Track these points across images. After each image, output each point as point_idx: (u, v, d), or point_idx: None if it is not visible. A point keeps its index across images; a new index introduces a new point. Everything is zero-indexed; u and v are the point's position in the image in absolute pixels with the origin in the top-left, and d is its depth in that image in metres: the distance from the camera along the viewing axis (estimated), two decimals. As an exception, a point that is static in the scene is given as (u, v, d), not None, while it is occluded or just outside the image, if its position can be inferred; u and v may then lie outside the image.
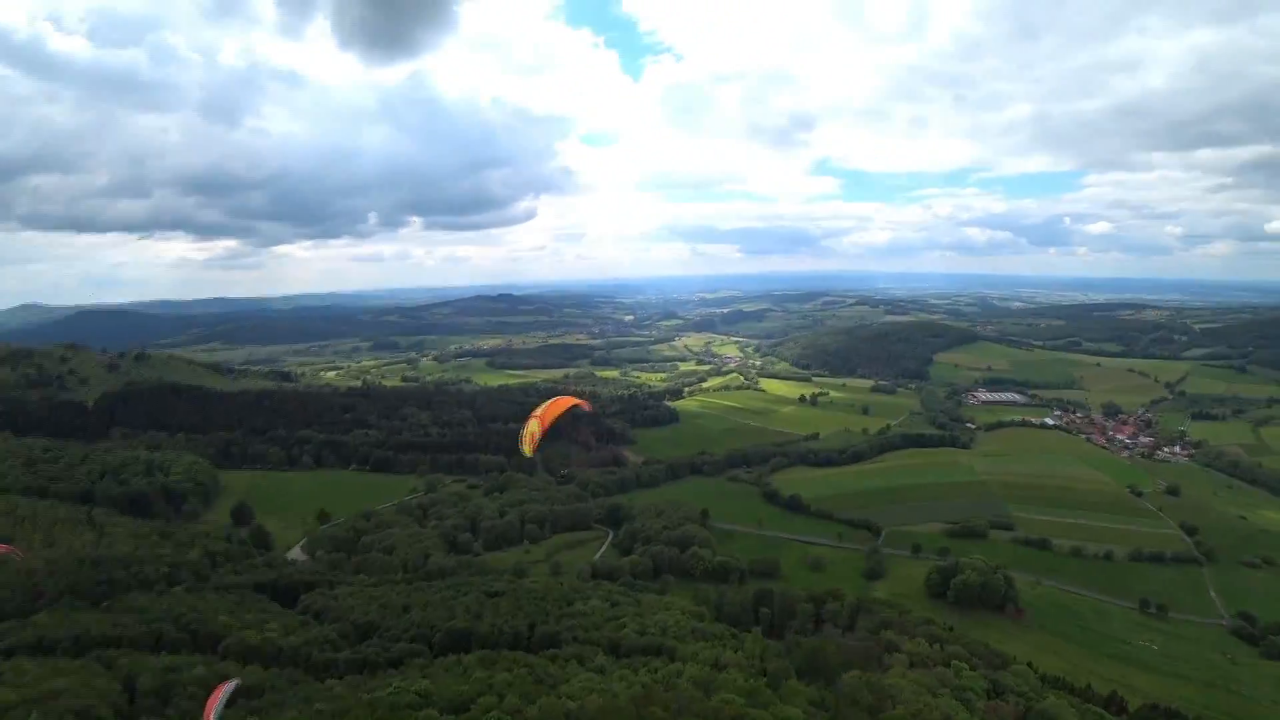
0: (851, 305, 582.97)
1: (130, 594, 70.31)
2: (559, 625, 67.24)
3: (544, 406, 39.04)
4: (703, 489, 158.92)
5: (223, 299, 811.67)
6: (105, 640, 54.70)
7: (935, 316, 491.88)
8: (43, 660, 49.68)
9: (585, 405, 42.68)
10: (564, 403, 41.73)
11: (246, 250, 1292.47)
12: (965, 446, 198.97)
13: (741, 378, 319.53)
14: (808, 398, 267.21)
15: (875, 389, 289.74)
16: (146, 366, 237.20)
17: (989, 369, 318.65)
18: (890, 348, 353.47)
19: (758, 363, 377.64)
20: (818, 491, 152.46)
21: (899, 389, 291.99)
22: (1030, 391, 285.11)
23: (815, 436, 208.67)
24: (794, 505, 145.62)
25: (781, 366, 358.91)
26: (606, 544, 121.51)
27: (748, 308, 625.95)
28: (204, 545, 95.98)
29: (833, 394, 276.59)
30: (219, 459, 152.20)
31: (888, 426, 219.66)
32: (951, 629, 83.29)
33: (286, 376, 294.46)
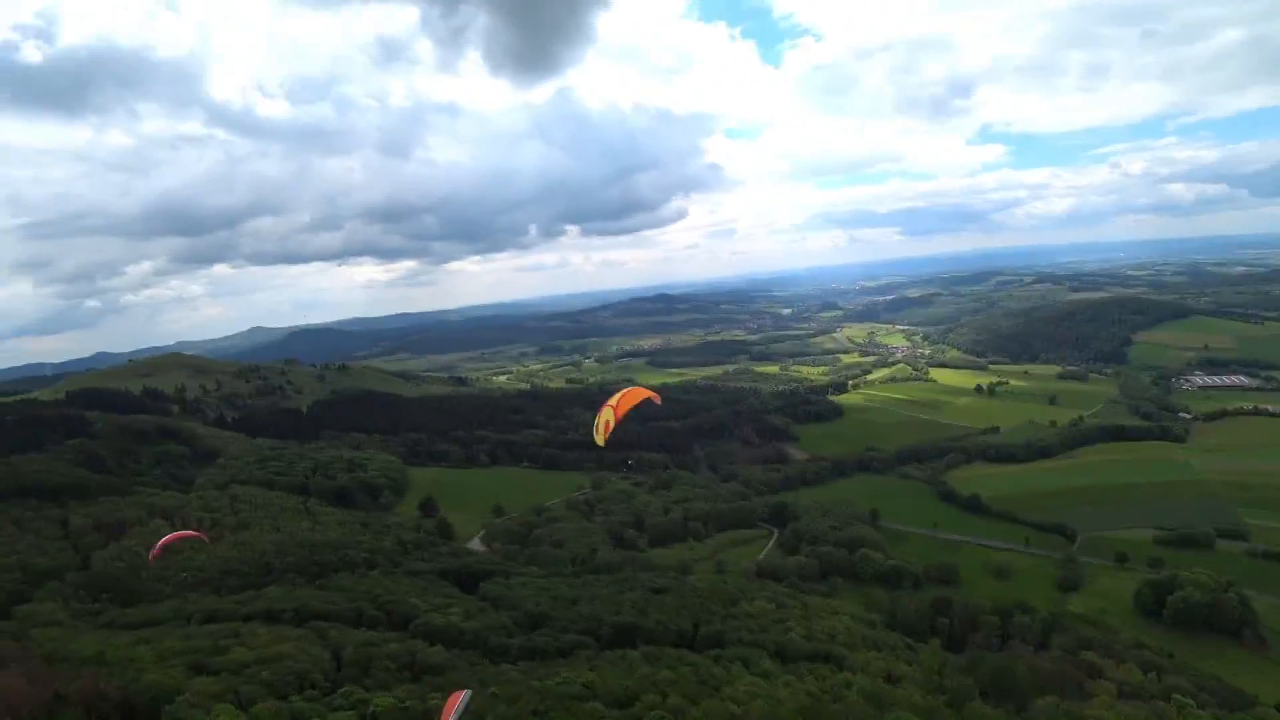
0: (1030, 284, 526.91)
1: (338, 574, 78.32)
2: (723, 625, 66.23)
3: (618, 397, 38.51)
4: (871, 487, 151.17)
5: (405, 314, 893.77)
6: (319, 614, 61.07)
7: (1134, 290, 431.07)
8: (271, 627, 56.40)
9: (656, 399, 41.20)
10: (638, 394, 40.88)
11: (424, 269, 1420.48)
12: (1180, 440, 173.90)
13: (910, 368, 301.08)
14: (985, 387, 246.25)
15: (1063, 376, 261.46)
16: (347, 376, 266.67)
17: (1205, 348, 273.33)
18: (1078, 329, 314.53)
19: (927, 352, 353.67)
20: (1000, 490, 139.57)
21: (1091, 375, 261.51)
22: (1263, 373, 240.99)
23: (995, 430, 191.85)
24: (973, 506, 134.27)
25: (953, 355, 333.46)
26: (771, 543, 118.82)
27: (913, 293, 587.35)
28: (397, 534, 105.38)
29: (1013, 383, 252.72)
30: (408, 457, 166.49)
31: (1080, 418, 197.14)
32: (1171, 656, 72.39)
33: (462, 381, 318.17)
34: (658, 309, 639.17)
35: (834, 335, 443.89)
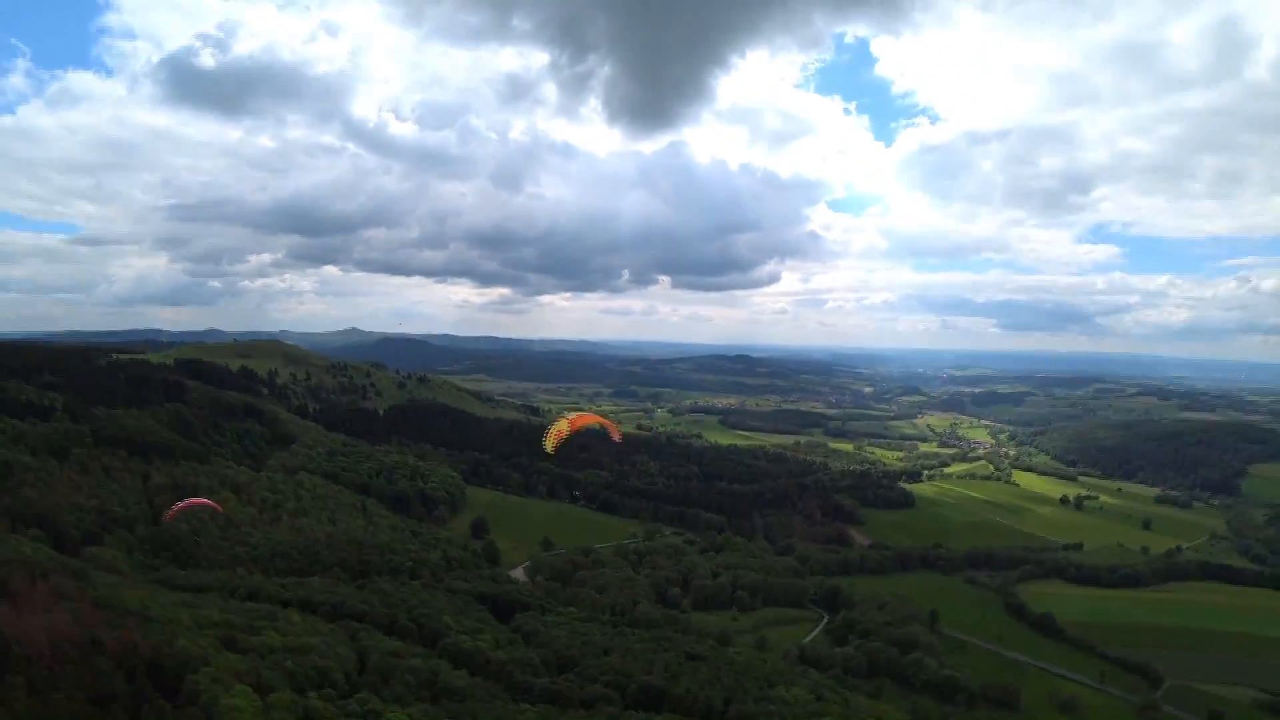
0: (1133, 395, 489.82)
1: (380, 577, 78.79)
2: (756, 707, 62.08)
3: (578, 414, 37.92)
4: (934, 586, 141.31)
5: (492, 338, 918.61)
6: (353, 613, 61.18)
7: (1253, 417, 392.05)
8: (307, 617, 56.79)
9: (616, 435, 40.15)
10: (598, 420, 40.31)
11: (517, 298, 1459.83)
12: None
13: (991, 466, 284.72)
14: (1071, 499, 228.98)
15: (1161, 499, 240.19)
16: (426, 388, 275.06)
17: None
18: (1185, 451, 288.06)
19: (1012, 452, 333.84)
20: (1077, 614, 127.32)
21: (1195, 503, 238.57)
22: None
23: (1078, 547, 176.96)
24: (1045, 626, 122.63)
25: (1041, 459, 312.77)
26: (819, 628, 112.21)
27: (1003, 389, 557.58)
28: (444, 550, 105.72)
29: (1104, 499, 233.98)
30: (468, 475, 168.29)
31: (1178, 548, 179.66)
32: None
33: (534, 411, 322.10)
34: (737, 369, 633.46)
35: (914, 421, 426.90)
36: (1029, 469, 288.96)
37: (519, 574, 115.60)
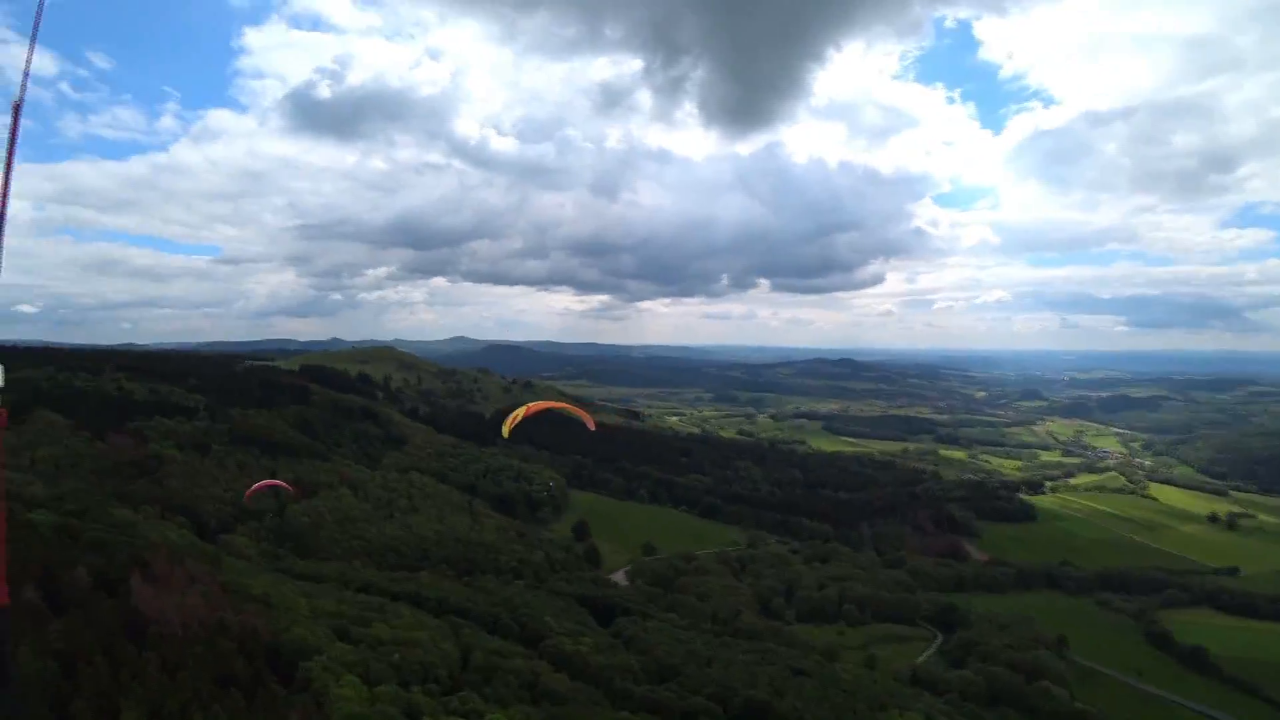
0: None
1: (485, 576, 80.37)
2: (869, 727, 58.54)
3: (541, 402, 37.28)
4: (1060, 609, 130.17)
5: (593, 344, 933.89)
6: (459, 610, 62.29)
7: None
8: (415, 611, 58.27)
9: (590, 423, 38.31)
10: (563, 405, 39.22)
11: (617, 304, 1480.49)
12: None
13: (1123, 479, 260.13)
14: (1221, 517, 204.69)
15: None
16: (530, 393, 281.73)
17: None
18: None
19: (1147, 463, 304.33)
20: (1234, 649, 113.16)
21: None
22: None
23: (1233, 571, 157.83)
24: (1195, 660, 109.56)
25: (1182, 471, 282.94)
26: (933, 648, 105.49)
27: (1135, 393, 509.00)
28: (547, 551, 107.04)
29: (1262, 517, 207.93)
30: (571, 478, 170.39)
31: None
32: None
33: (636, 415, 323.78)
34: (841, 373, 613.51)
35: (1033, 428, 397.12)
36: (1168, 482, 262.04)
37: (620, 578, 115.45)
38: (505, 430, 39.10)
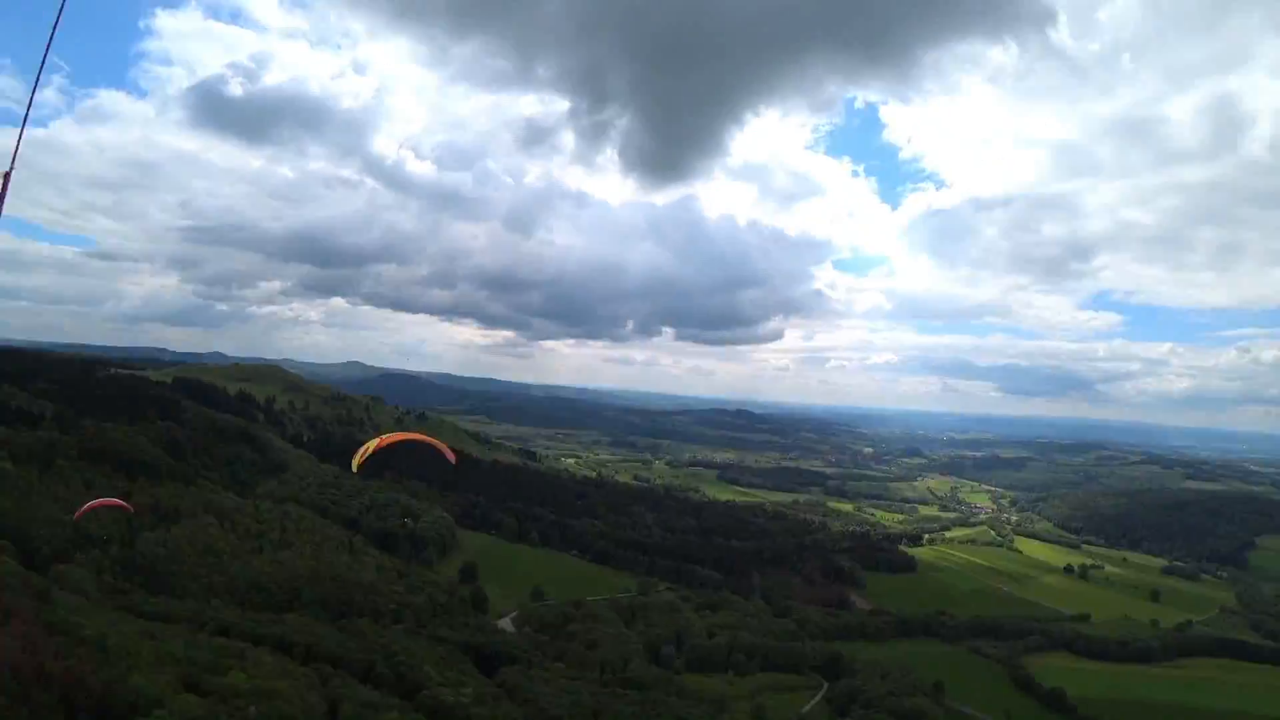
0: (1136, 463, 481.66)
1: (362, 619, 74.56)
2: (757, 781, 57.55)
3: (397, 435, 37.06)
4: (937, 656, 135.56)
5: (493, 379, 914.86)
6: (330, 657, 57.13)
7: (1258, 488, 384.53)
8: (279, 657, 52.83)
9: (450, 455, 38.70)
10: (419, 437, 39.35)
11: (520, 341, 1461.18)
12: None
13: (993, 532, 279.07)
14: (1076, 568, 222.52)
15: (1168, 570, 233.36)
16: (424, 425, 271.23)
17: None
18: (1191, 521, 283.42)
19: (1014, 518, 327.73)
20: (1089, 690, 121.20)
21: (1203, 575, 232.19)
22: None
23: (1086, 618, 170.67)
24: (1055, 701, 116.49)
25: (1043, 526, 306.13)
26: (819, 696, 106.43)
27: (1005, 454, 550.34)
28: (430, 594, 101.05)
29: (1109, 569, 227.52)
30: (461, 517, 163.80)
31: (1189, 622, 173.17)
32: None
33: (532, 456, 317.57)
34: (737, 423, 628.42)
35: (915, 483, 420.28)
36: (1032, 535, 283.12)
37: (507, 624, 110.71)
38: (355, 464, 36.63)
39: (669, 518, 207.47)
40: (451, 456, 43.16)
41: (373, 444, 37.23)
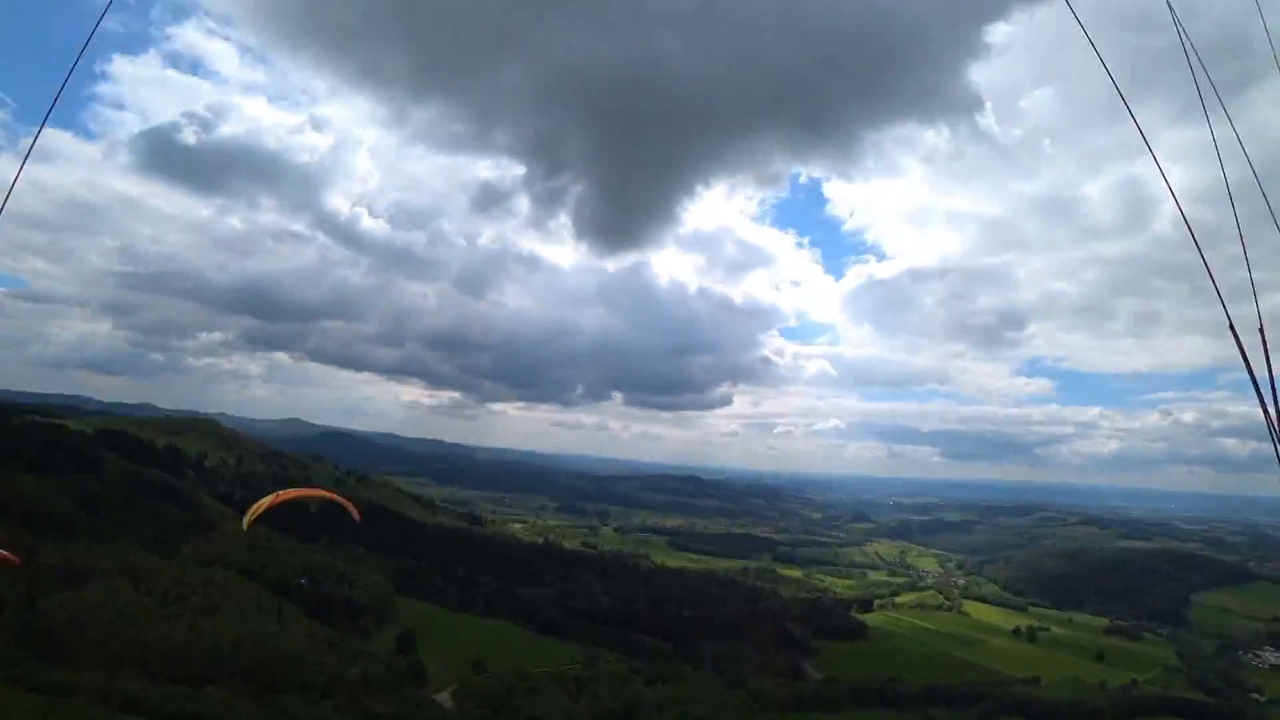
0: (1075, 524, 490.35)
1: (288, 693, 68.75)
2: None
3: (295, 491, 36.29)
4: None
5: (439, 441, 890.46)
6: (249, 737, 52.10)
7: (1188, 545, 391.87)
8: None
9: (356, 514, 37.91)
10: (318, 493, 38.97)
11: (468, 403, 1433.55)
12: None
13: (942, 596, 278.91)
14: (1023, 630, 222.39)
15: (1111, 630, 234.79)
16: (365, 487, 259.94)
17: (1275, 619, 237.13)
18: (1130, 580, 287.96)
19: (961, 581, 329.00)
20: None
21: (1145, 634, 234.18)
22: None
23: (1036, 681, 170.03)
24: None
25: (990, 589, 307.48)
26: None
27: (950, 517, 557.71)
28: (364, 666, 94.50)
29: (1055, 630, 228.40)
30: (400, 582, 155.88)
31: (1134, 682, 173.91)
32: None
33: (477, 520, 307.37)
34: (686, 489, 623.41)
35: (863, 548, 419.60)
36: (979, 598, 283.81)
37: (446, 698, 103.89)
38: (245, 523, 34.51)
39: (618, 585, 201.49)
40: (357, 514, 41.23)
41: (267, 500, 34.71)
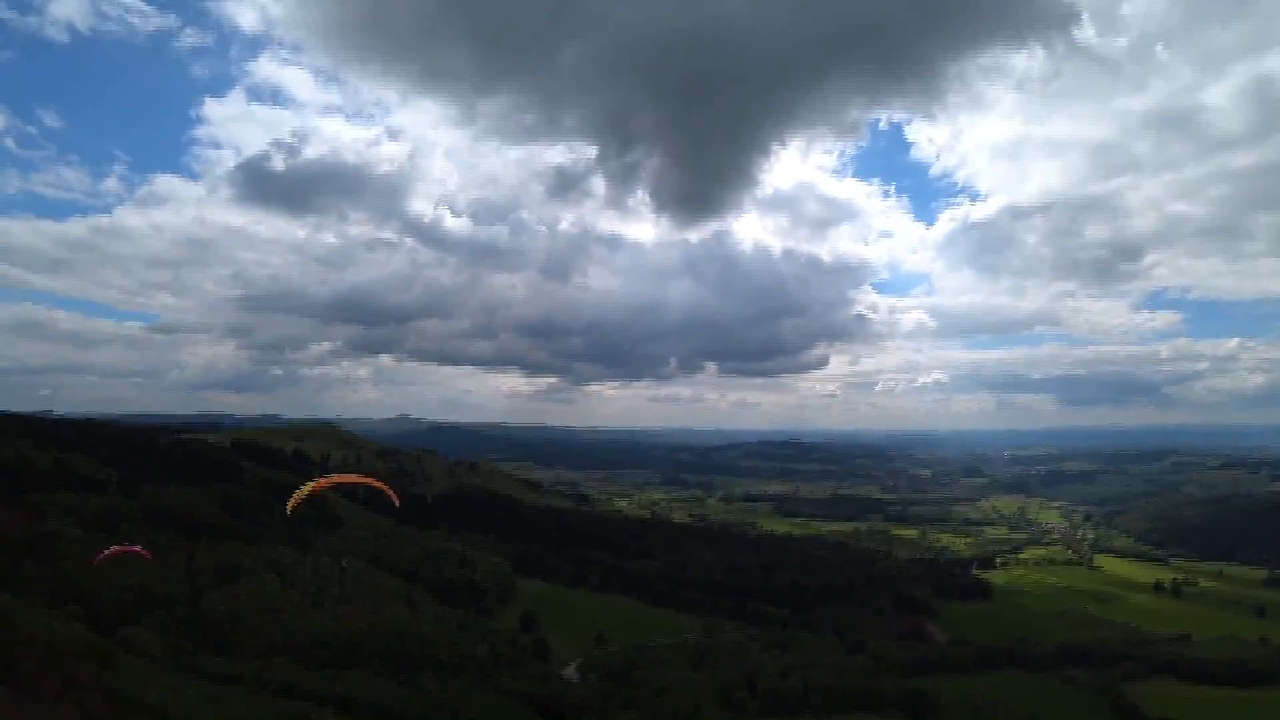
0: (1217, 468, 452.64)
1: (423, 673, 72.41)
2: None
3: (336, 477, 37.34)
4: (1026, 687, 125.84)
5: (540, 426, 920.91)
6: (394, 714, 55.12)
7: None
8: (343, 718, 50.99)
9: (394, 499, 43.88)
10: (357, 479, 40.36)
11: (565, 386, 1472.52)
12: None
13: (1070, 551, 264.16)
14: (1166, 585, 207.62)
15: (1271, 582, 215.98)
16: (475, 475, 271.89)
17: None
18: None
19: (1090, 535, 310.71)
20: (1200, 718, 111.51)
21: None
22: None
23: (1186, 639, 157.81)
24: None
25: (1123, 542, 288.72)
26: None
27: (1070, 467, 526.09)
28: (492, 644, 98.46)
29: (1203, 583, 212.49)
30: (517, 564, 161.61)
31: None
32: None
33: (584, 499, 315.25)
34: (789, 455, 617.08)
35: (979, 505, 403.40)
36: (1111, 552, 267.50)
37: (571, 672, 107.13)
38: (290, 507, 36.65)
39: (728, 554, 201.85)
40: (396, 500, 44.03)
41: (308, 486, 37.02)
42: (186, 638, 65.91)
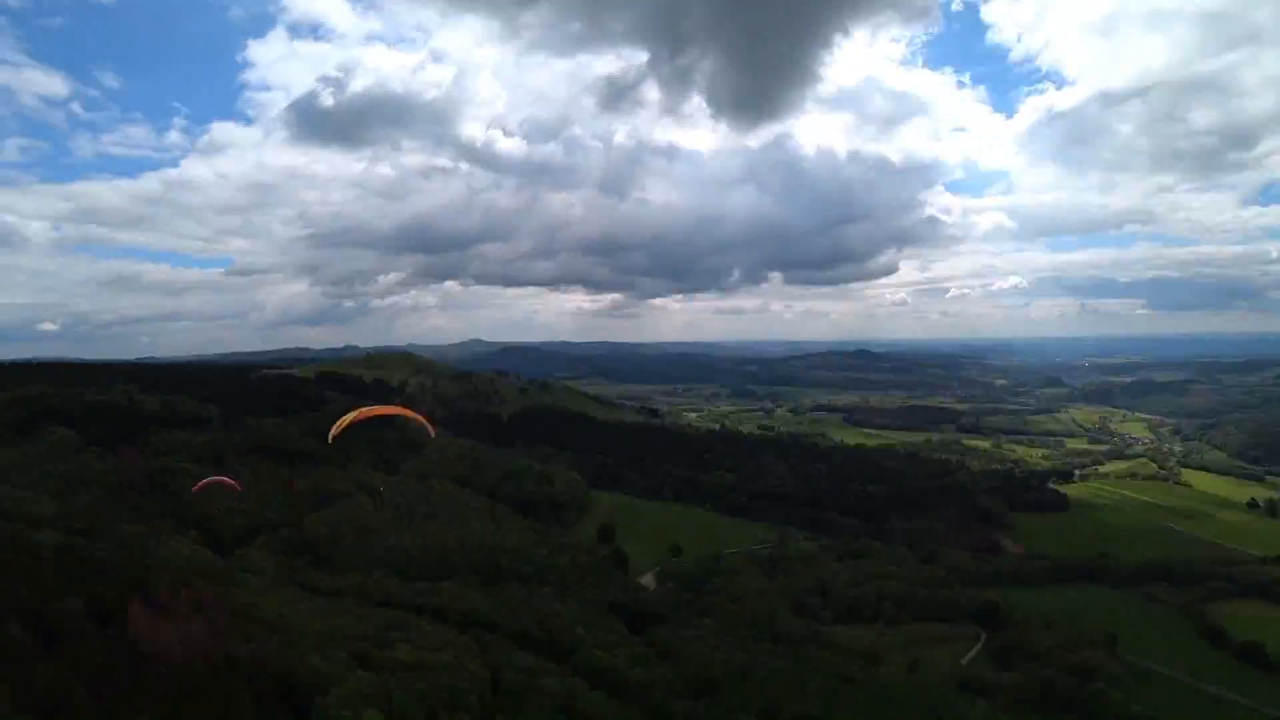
0: None
1: (509, 583, 76.83)
2: (928, 740, 54.44)
3: (374, 408, 41.45)
4: (1104, 603, 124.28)
5: (606, 343, 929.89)
6: (485, 622, 58.73)
7: None
8: (439, 625, 54.78)
9: (430, 429, 44.90)
10: (396, 410, 40.96)
11: (628, 302, 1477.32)
12: None
13: (1155, 465, 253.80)
14: (1261, 503, 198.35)
15: None
16: (546, 393, 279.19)
17: None
18: None
19: (1178, 448, 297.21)
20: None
21: None
22: None
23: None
24: (1252, 656, 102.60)
25: (1215, 457, 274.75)
26: (977, 648, 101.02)
27: (1160, 377, 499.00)
28: (572, 555, 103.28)
29: None
30: (592, 479, 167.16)
31: None
32: None
33: (654, 413, 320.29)
34: (857, 365, 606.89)
35: (1057, 415, 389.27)
36: (1202, 467, 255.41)
37: (648, 581, 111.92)
38: (331, 436, 38.03)
39: (798, 465, 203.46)
40: (432, 430, 45.58)
41: (349, 417, 38.38)
42: (293, 556, 71.61)
